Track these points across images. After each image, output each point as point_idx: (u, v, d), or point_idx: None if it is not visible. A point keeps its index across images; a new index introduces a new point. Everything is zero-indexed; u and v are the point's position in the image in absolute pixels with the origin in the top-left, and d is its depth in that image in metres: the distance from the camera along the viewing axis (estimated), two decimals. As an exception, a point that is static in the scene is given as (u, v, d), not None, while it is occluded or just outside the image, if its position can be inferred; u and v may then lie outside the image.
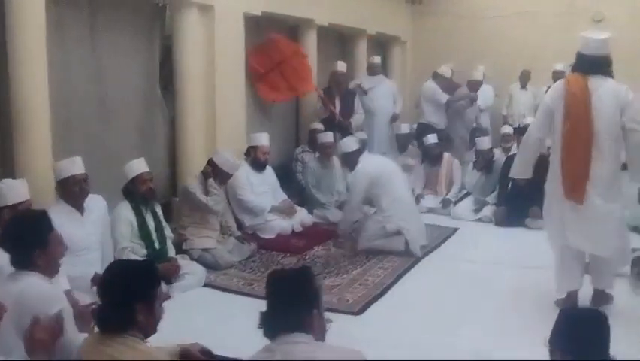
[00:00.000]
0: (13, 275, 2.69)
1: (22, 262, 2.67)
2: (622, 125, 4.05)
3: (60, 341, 2.41)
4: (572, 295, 4.34)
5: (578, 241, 4.20)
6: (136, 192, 4.71)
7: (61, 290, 2.84)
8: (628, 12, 9.46)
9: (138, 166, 4.74)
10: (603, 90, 4.05)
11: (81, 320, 2.96)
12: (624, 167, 4.35)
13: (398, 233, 5.71)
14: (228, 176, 5.57)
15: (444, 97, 8.64)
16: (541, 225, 6.52)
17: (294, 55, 7.19)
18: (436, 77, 8.87)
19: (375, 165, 5.92)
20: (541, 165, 6.43)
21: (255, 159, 6.24)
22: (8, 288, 2.57)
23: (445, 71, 8.88)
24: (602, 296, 4.37)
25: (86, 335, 2.56)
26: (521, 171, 4.71)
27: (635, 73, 6.60)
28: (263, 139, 6.30)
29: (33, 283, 2.59)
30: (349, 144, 6.10)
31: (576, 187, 4.10)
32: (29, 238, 2.67)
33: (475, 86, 8.69)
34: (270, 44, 7.08)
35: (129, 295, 2.25)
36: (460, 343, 3.84)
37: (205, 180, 5.39)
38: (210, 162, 5.48)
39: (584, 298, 4.39)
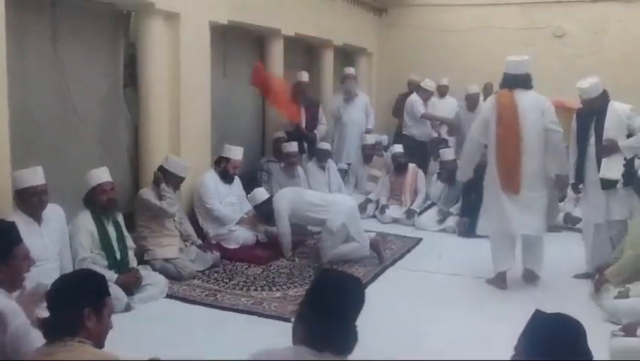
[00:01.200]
0: None
1: None
2: (543, 127, 4.98)
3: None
4: (502, 275, 5.18)
5: (516, 225, 5.04)
6: (96, 202, 4.62)
7: (15, 304, 2.74)
8: (588, 27, 9.70)
9: (99, 175, 4.67)
10: (526, 101, 5.01)
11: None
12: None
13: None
14: (180, 179, 5.51)
15: (419, 111, 8.74)
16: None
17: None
18: (419, 89, 8.95)
19: (287, 193, 6.05)
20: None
21: (225, 171, 6.20)
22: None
23: (429, 85, 8.95)
24: (531, 275, 5.27)
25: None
26: (465, 172, 5.55)
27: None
28: (237, 153, 6.29)
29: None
30: (259, 194, 6.17)
31: (512, 180, 4.98)
32: None
33: (473, 100, 8.47)
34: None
35: (77, 299, 2.21)
36: (422, 355, 3.84)
37: (157, 187, 5.35)
38: (160, 169, 5.43)
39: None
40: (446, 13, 10.48)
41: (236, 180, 6.44)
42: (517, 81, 5.06)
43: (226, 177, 6.23)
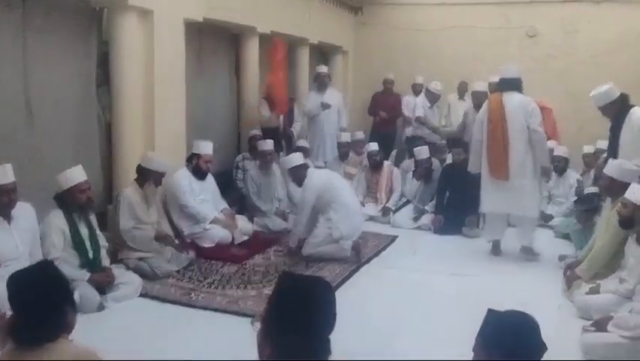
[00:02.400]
0: None
1: None
2: (527, 127, 5.75)
3: None
4: (496, 243, 6.17)
5: (508, 207, 5.96)
6: (73, 202, 4.53)
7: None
8: (560, 28, 9.82)
9: (76, 175, 4.56)
10: (513, 102, 5.81)
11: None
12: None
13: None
14: (161, 175, 5.45)
15: (416, 112, 8.88)
16: (477, 233, 6.75)
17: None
18: (427, 92, 8.98)
19: (322, 177, 6.01)
20: (478, 176, 6.67)
21: (197, 167, 6.14)
22: None
23: (436, 87, 8.95)
24: (527, 251, 6.05)
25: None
26: (474, 165, 6.21)
27: (568, 85, 6.87)
28: (207, 148, 6.21)
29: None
30: (294, 158, 6.12)
31: (499, 170, 5.85)
32: None
33: (479, 97, 7.68)
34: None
35: (57, 300, 2.20)
36: (394, 353, 3.87)
37: (141, 188, 5.32)
38: (139, 169, 5.38)
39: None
40: (421, 12, 10.54)
41: (210, 177, 6.38)
42: (508, 84, 5.92)
43: (199, 174, 6.16)
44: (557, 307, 4.66)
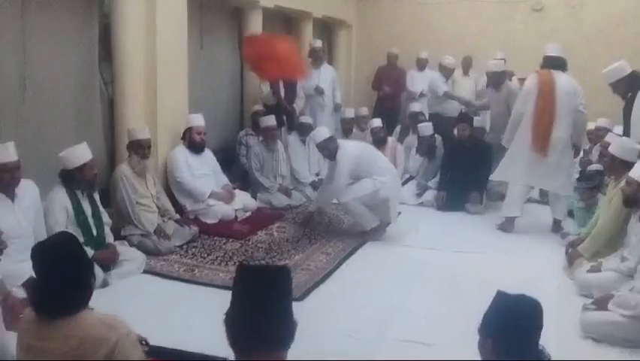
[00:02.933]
0: None
1: None
2: (574, 106, 5.91)
3: None
4: (510, 220, 6.16)
5: (539, 180, 6.14)
6: (79, 180, 4.53)
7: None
8: (565, 1, 9.69)
9: (82, 153, 4.54)
10: (562, 81, 5.89)
11: (11, 313, 2.88)
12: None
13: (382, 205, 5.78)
14: (140, 143, 5.36)
15: (442, 88, 8.77)
16: (480, 210, 6.77)
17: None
18: (441, 67, 8.91)
19: (358, 147, 6.02)
20: (483, 153, 6.65)
21: (191, 141, 6.10)
22: None
23: (449, 62, 8.87)
24: (558, 225, 6.13)
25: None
26: (510, 139, 6.17)
27: (573, 60, 6.75)
28: (197, 120, 6.15)
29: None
30: (322, 132, 6.07)
31: (543, 145, 5.86)
32: None
33: (497, 77, 7.26)
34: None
35: (85, 276, 2.26)
36: (394, 331, 3.88)
37: (134, 162, 5.36)
38: (127, 144, 5.42)
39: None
40: (425, -15, 10.41)
41: (208, 152, 6.35)
42: (556, 63, 5.96)
43: (194, 148, 6.11)
44: (557, 285, 4.67)
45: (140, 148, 5.36)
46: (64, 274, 2.17)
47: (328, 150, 5.90)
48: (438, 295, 4.50)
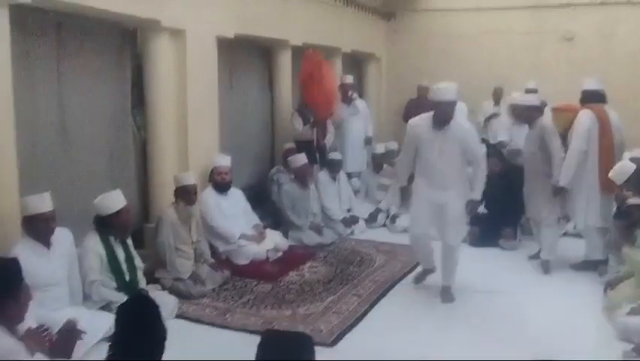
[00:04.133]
0: None
1: None
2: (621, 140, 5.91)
3: None
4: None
5: (604, 220, 5.85)
6: (116, 226, 4.60)
7: (22, 349, 2.75)
8: (597, 30, 9.60)
9: (116, 201, 4.62)
10: (612, 116, 5.88)
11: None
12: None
13: None
14: (186, 189, 5.43)
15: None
16: (514, 245, 6.64)
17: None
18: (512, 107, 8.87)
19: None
20: (515, 187, 6.52)
21: (214, 181, 6.15)
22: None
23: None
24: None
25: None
26: (569, 179, 5.78)
27: (607, 89, 6.66)
28: (220, 160, 6.20)
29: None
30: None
31: (610, 183, 5.49)
32: (2, 288, 2.62)
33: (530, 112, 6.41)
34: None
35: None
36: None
37: (178, 207, 5.40)
38: (175, 191, 5.48)
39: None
40: (454, 17, 10.41)
41: (237, 191, 6.39)
42: (598, 97, 5.92)
43: (220, 188, 6.16)
44: (596, 328, 4.54)
45: (187, 194, 5.43)
46: (147, 336, 2.31)
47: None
48: (471, 339, 4.41)
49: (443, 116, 4.97)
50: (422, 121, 5.14)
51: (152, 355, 2.29)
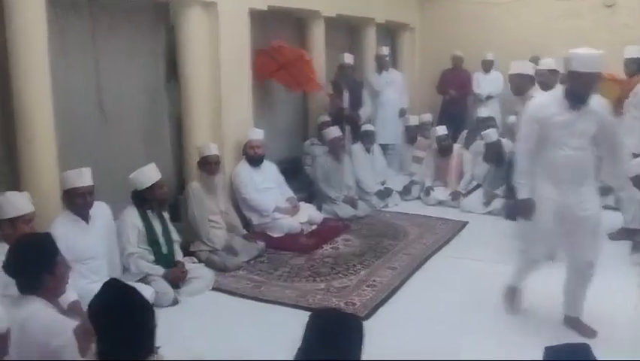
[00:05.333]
0: (18, 300, 2.70)
1: (29, 287, 2.68)
2: None
3: None
4: None
5: None
6: (151, 200, 4.69)
7: (66, 319, 2.81)
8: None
9: (151, 175, 4.70)
10: None
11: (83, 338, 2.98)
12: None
13: None
14: (206, 160, 5.45)
15: None
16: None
17: (298, 59, 7.03)
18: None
19: None
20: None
21: (247, 155, 6.16)
22: (13, 314, 2.55)
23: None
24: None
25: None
26: None
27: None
28: (252, 134, 6.21)
29: (38, 312, 2.58)
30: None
31: None
32: (38, 263, 2.67)
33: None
34: (274, 50, 6.99)
35: (145, 316, 2.25)
36: (460, 354, 3.80)
37: (203, 179, 5.47)
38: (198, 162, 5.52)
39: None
40: (490, -15, 10.16)
41: (270, 165, 6.40)
42: None
43: (253, 162, 6.17)
44: (634, 307, 4.46)
45: (208, 165, 5.46)
46: (122, 325, 2.14)
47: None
48: (505, 315, 4.36)
49: (586, 90, 3.82)
50: (550, 99, 4.00)
51: (139, 342, 2.18)
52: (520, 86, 5.32)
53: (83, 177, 4.13)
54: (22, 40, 4.18)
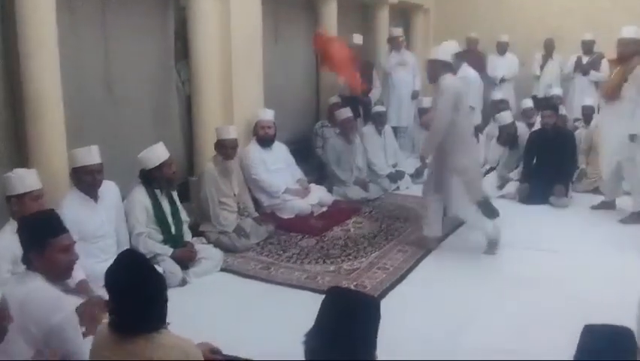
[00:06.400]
0: (20, 276, 2.68)
1: (25, 262, 2.65)
2: None
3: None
4: None
5: None
6: (159, 179, 4.62)
7: (66, 296, 2.77)
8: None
9: (159, 153, 4.63)
10: None
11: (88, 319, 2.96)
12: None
13: None
14: (223, 143, 5.38)
15: None
16: (565, 203, 6.45)
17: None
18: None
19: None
20: (568, 143, 6.29)
21: (257, 135, 6.10)
22: (14, 289, 2.51)
23: None
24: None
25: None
26: None
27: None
28: (263, 114, 6.12)
29: (37, 288, 2.54)
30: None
31: None
32: (28, 240, 2.63)
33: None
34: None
35: (159, 287, 2.30)
36: (470, 337, 3.74)
37: (219, 161, 5.40)
38: (215, 144, 5.45)
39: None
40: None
41: (281, 146, 6.33)
42: None
43: (263, 142, 6.09)
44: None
45: (224, 148, 5.40)
46: (138, 294, 2.17)
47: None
48: (517, 298, 4.28)
49: None
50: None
51: (155, 309, 2.23)
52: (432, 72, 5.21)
53: (92, 155, 4.09)
54: (30, 19, 4.12)
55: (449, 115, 4.93)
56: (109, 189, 4.31)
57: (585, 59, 8.78)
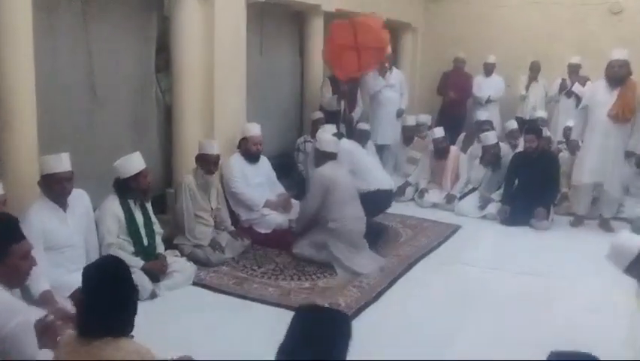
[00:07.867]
0: None
1: None
2: None
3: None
4: None
5: None
6: (134, 189, 4.51)
7: (20, 303, 2.68)
8: (646, 3, 9.13)
9: (135, 163, 4.52)
10: None
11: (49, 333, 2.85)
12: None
13: None
14: (205, 158, 5.27)
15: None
16: (546, 225, 6.41)
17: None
18: None
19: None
20: (551, 165, 6.29)
21: (247, 151, 6.00)
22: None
23: None
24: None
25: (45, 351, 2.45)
26: None
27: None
28: (253, 129, 6.03)
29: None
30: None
31: None
32: None
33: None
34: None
35: (132, 295, 2.34)
36: (449, 355, 3.68)
37: (199, 175, 5.29)
38: (196, 157, 5.35)
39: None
40: (494, -13, 10.04)
41: (264, 160, 6.23)
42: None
43: (250, 157, 6.00)
44: (630, 313, 4.32)
45: (206, 163, 5.28)
46: (111, 296, 2.20)
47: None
48: (497, 323, 4.21)
49: None
50: None
51: (125, 314, 2.25)
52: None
53: (62, 162, 3.97)
54: (5, 18, 4.00)
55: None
56: (78, 197, 4.20)
57: (569, 83, 8.79)
